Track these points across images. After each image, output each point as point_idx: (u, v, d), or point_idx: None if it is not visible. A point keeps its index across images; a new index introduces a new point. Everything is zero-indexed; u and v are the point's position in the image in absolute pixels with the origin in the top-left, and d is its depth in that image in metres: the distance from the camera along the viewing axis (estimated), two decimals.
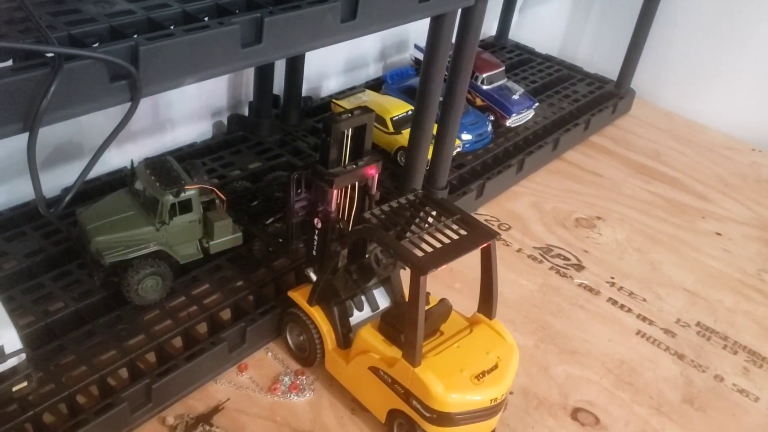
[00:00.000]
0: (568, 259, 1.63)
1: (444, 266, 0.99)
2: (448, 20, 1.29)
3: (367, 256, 1.18)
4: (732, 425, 1.27)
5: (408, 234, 1.08)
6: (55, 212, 0.84)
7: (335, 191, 1.12)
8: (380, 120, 1.71)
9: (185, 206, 1.22)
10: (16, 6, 0.81)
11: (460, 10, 1.31)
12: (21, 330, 0.98)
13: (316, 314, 1.18)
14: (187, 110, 1.71)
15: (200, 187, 1.24)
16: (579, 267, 1.61)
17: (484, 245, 1.06)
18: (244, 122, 1.74)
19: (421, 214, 1.12)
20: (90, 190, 1.46)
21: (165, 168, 1.25)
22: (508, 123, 1.93)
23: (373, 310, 1.21)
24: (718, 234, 1.79)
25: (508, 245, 1.65)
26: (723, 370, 1.38)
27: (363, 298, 1.20)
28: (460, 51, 1.40)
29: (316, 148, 1.73)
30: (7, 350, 0.94)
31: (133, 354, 1.13)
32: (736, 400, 1.32)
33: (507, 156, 1.87)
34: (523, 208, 1.80)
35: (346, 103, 1.78)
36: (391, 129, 1.70)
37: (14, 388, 0.98)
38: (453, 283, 1.49)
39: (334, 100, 1.82)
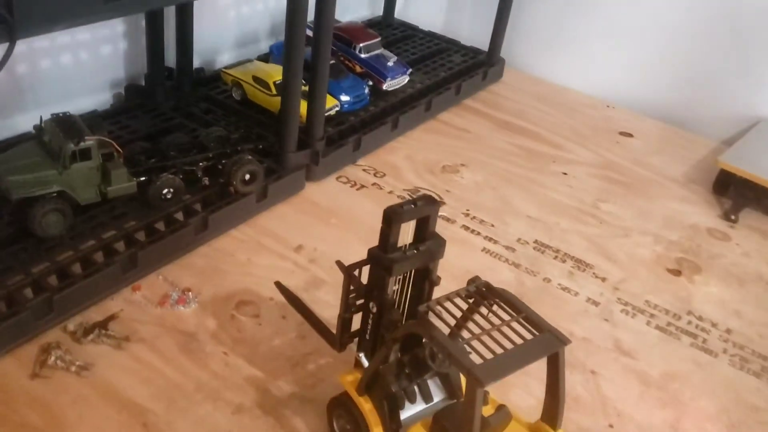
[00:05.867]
0: None
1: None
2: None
3: (423, 341, 1.07)
4: (554, 313, 1.52)
5: (466, 333, 1.00)
6: None
7: (392, 278, 1.06)
8: (264, 84, 1.93)
9: (85, 154, 1.42)
10: None
11: None
12: None
13: (365, 405, 1.10)
14: (88, 82, 1.90)
15: (99, 139, 1.44)
16: (440, 203, 1.86)
17: (553, 353, 0.96)
18: (141, 91, 1.93)
19: (482, 308, 1.04)
20: None
21: (69, 122, 1.45)
22: (385, 87, 2.17)
23: (426, 403, 1.11)
24: (565, 174, 2.07)
25: (381, 188, 1.89)
26: (551, 274, 1.65)
27: (416, 389, 1.10)
28: (319, 18, 1.64)
29: (208, 111, 1.94)
30: None
31: (36, 276, 1.32)
32: (559, 295, 1.59)
33: (383, 115, 2.11)
34: (397, 159, 2.04)
35: (235, 71, 2.00)
36: (274, 91, 1.92)
37: None
38: None
39: (224, 70, 2.03)
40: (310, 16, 1.65)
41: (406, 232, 1.09)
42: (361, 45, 2.18)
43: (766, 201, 1.97)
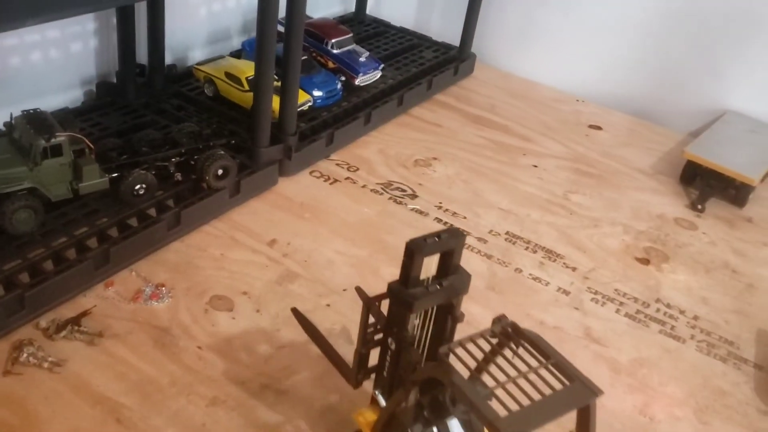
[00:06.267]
0: (405, 191, 1.90)
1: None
2: None
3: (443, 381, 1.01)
4: (524, 302, 1.56)
5: (488, 377, 0.92)
6: None
7: (412, 314, 1.00)
8: (236, 79, 1.93)
9: (56, 150, 1.41)
10: None
11: None
12: None
13: None
14: (59, 79, 1.88)
15: (70, 135, 1.44)
16: (413, 196, 1.88)
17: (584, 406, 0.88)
18: (112, 88, 1.93)
19: (506, 350, 0.96)
20: None
21: (40, 118, 1.44)
22: (357, 82, 2.18)
23: None
24: (535, 166, 2.10)
25: (354, 182, 1.90)
26: (522, 265, 1.68)
27: (435, 430, 1.04)
28: (291, 14, 1.65)
29: (180, 108, 1.94)
30: None
31: (7, 272, 1.31)
32: (530, 285, 1.62)
33: (356, 110, 2.12)
34: (370, 153, 2.06)
35: (207, 68, 2.00)
36: (246, 87, 1.92)
37: None
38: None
39: (196, 66, 2.03)
40: (282, 12, 1.66)
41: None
42: (333, 41, 2.19)
43: (732, 191, 2.01)
